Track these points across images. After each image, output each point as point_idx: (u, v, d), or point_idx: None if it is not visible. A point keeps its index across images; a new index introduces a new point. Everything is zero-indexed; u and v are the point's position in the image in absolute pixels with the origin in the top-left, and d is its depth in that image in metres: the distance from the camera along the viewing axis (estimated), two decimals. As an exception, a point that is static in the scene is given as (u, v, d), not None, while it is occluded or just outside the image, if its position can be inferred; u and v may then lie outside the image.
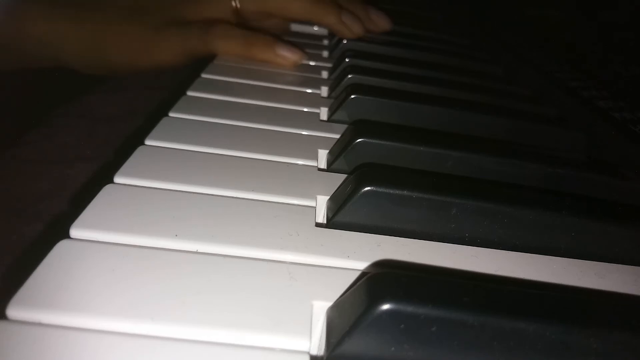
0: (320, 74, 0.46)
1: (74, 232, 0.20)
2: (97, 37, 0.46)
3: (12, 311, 0.16)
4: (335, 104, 0.36)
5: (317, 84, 0.42)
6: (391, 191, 0.22)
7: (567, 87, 0.44)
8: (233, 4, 0.49)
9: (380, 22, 0.57)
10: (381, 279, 0.16)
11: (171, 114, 0.31)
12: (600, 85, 0.42)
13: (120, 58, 0.47)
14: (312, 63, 0.49)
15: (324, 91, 0.41)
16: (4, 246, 0.29)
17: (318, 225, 0.23)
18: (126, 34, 0.46)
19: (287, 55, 0.46)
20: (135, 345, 0.15)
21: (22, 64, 0.48)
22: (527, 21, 0.64)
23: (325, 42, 0.59)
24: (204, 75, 0.40)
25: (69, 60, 0.47)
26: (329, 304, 0.18)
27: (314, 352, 0.17)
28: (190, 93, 0.36)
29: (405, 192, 0.22)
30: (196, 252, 0.20)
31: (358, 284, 0.17)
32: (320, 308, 0.18)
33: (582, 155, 0.36)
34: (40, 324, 0.16)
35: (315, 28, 0.63)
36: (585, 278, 0.22)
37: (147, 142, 0.28)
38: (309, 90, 0.40)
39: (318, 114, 0.36)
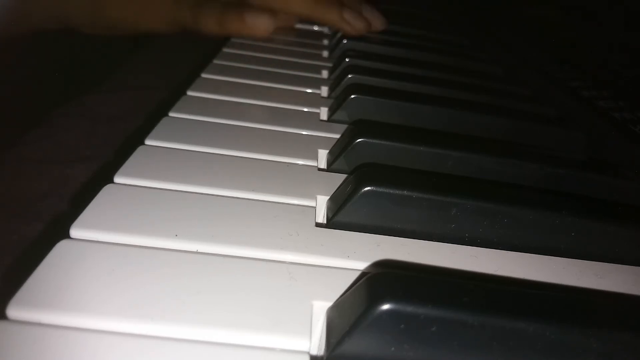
0: (320, 73, 0.46)
1: (74, 232, 0.20)
2: None
3: (12, 311, 0.16)
4: (335, 104, 0.36)
5: (317, 84, 0.42)
6: (391, 191, 0.22)
7: (567, 87, 0.44)
8: None
9: (375, 22, 0.58)
10: (381, 279, 0.16)
11: (171, 114, 0.31)
12: (600, 85, 0.42)
13: (118, 17, 0.50)
14: (312, 63, 0.49)
15: (324, 91, 0.41)
16: (4, 246, 0.29)
17: (318, 225, 0.23)
18: None
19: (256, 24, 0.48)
20: (135, 345, 0.15)
21: (29, 26, 0.49)
22: (527, 21, 0.64)
23: (325, 42, 0.59)
24: (204, 75, 0.40)
25: (72, 20, 0.50)
26: (329, 304, 0.18)
27: (314, 352, 0.17)
28: (190, 93, 0.36)
29: (405, 192, 0.22)
30: (196, 252, 0.20)
31: (358, 284, 0.17)
32: (320, 308, 0.18)
33: (582, 155, 0.36)
34: (40, 324, 0.16)
35: (316, 27, 0.63)
36: (585, 278, 0.22)
37: (147, 142, 0.28)
38: (309, 90, 0.40)
39: (318, 114, 0.36)
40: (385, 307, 0.15)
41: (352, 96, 0.34)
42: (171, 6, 0.49)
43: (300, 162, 0.28)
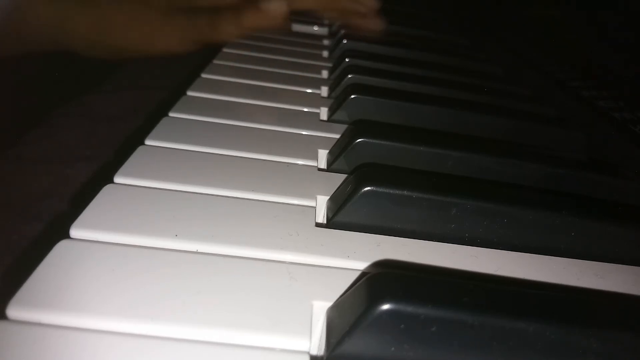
0: (320, 73, 0.46)
1: (74, 232, 0.20)
2: (103, 21, 0.46)
3: (12, 311, 0.16)
4: (335, 104, 0.36)
5: (317, 84, 0.42)
6: (391, 191, 0.22)
7: (567, 87, 0.44)
8: None
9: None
10: (381, 279, 0.16)
11: (171, 114, 0.31)
12: (600, 85, 0.42)
13: (126, 42, 0.47)
14: (312, 63, 0.49)
15: (324, 91, 0.41)
16: (4, 246, 0.29)
17: (318, 225, 0.23)
18: (133, 18, 0.46)
19: (272, 9, 0.48)
20: (135, 345, 0.15)
21: (26, 47, 0.47)
22: (527, 21, 0.64)
23: (325, 42, 0.59)
24: (204, 75, 0.40)
25: (73, 44, 0.47)
26: (329, 304, 0.18)
27: (314, 352, 0.17)
28: (190, 93, 0.36)
29: (405, 192, 0.22)
30: (196, 252, 0.20)
31: (358, 284, 0.17)
32: (320, 308, 0.18)
33: (582, 155, 0.36)
34: (40, 324, 0.16)
35: (315, 28, 0.63)
36: (585, 278, 0.22)
37: (147, 142, 0.28)
38: (309, 90, 0.40)
39: (318, 114, 0.36)
40: (385, 307, 0.15)
41: (352, 96, 0.34)
42: (184, 24, 0.47)
43: (300, 162, 0.28)
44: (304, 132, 0.32)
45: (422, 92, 0.38)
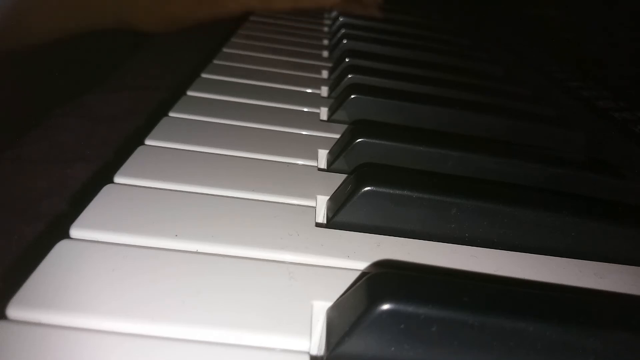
0: (320, 73, 0.46)
1: (74, 232, 0.20)
2: None
3: (12, 311, 0.16)
4: (335, 104, 0.36)
5: (317, 84, 0.42)
6: (391, 191, 0.22)
7: (567, 87, 0.44)
8: None
9: None
10: (381, 279, 0.16)
11: (171, 114, 0.31)
12: (600, 85, 0.42)
13: (182, 10, 0.58)
14: (312, 63, 0.49)
15: (324, 91, 0.41)
16: (4, 246, 0.29)
17: (318, 225, 0.23)
18: None
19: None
20: (135, 345, 0.15)
21: (89, 24, 0.54)
22: (527, 21, 0.64)
23: (325, 42, 0.59)
24: (204, 75, 0.40)
25: (133, 18, 0.56)
26: (329, 304, 0.18)
27: (314, 352, 0.17)
28: (190, 93, 0.36)
29: (405, 192, 0.22)
30: (196, 252, 0.20)
31: (358, 284, 0.17)
32: (320, 308, 0.18)
33: (582, 155, 0.36)
34: (40, 324, 0.16)
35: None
36: (585, 278, 0.22)
37: (147, 142, 0.28)
38: (309, 90, 0.40)
39: (318, 114, 0.36)
40: (385, 307, 0.15)
41: (352, 96, 0.34)
42: None
43: (300, 162, 0.28)
44: (304, 132, 0.32)
45: (422, 92, 0.38)
